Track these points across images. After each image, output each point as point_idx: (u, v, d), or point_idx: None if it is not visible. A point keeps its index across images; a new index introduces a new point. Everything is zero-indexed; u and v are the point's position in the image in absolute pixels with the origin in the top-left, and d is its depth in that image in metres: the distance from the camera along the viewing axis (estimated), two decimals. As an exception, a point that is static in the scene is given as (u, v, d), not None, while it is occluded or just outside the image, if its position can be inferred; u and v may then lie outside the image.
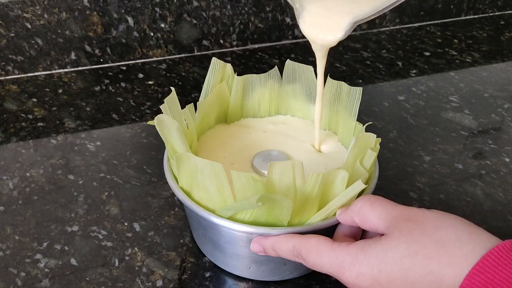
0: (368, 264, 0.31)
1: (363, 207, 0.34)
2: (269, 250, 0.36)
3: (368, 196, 0.35)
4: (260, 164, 0.43)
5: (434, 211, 0.32)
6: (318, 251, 0.34)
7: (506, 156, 0.58)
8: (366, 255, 0.31)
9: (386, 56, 0.78)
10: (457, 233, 0.30)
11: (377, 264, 0.31)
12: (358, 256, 0.32)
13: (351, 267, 0.32)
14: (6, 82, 0.68)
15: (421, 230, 0.31)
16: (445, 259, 0.29)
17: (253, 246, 0.37)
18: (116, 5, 0.68)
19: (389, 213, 0.33)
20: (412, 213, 0.32)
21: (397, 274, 0.30)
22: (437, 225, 0.31)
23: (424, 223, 0.31)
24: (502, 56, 0.80)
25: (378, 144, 0.39)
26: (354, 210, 0.34)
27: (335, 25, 0.39)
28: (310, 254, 0.34)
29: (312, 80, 0.48)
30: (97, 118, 0.62)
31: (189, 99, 0.66)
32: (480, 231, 0.31)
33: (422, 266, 0.30)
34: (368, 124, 0.43)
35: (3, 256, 0.44)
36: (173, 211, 0.49)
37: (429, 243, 0.30)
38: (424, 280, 0.30)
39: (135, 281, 0.42)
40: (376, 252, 0.31)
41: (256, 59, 0.76)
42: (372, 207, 0.34)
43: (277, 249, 0.36)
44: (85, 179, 0.52)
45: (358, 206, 0.34)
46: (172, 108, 0.41)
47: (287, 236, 0.36)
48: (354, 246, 0.32)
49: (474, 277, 0.28)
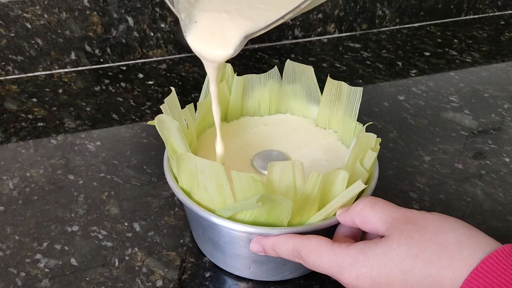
0: (367, 265, 0.31)
1: (363, 209, 0.34)
2: (269, 250, 0.36)
3: (369, 198, 0.35)
4: (260, 164, 0.43)
5: (435, 214, 0.32)
6: (318, 252, 0.34)
7: (506, 156, 0.58)
8: (366, 257, 0.31)
9: (386, 56, 0.78)
10: (457, 236, 0.30)
11: (376, 265, 0.31)
12: (358, 258, 0.32)
13: (351, 268, 0.32)
14: (6, 82, 0.68)
15: (421, 233, 0.31)
16: (445, 262, 0.29)
17: (253, 246, 0.37)
18: (116, 5, 0.68)
19: (390, 215, 0.33)
20: (412, 216, 0.32)
21: (397, 276, 0.30)
22: (437, 229, 0.31)
23: (424, 226, 0.31)
24: (502, 56, 0.80)
25: (378, 144, 0.39)
26: (355, 212, 0.34)
27: (225, 40, 0.36)
28: (310, 255, 0.34)
29: (312, 80, 0.48)
30: (97, 118, 0.62)
31: (189, 99, 0.66)
32: (481, 234, 0.31)
33: (421, 269, 0.30)
34: (368, 124, 0.43)
35: (3, 256, 0.44)
36: (173, 211, 0.49)
37: (429, 246, 0.30)
38: (423, 283, 0.30)
39: (135, 281, 0.42)
40: (376, 254, 0.31)
41: (256, 59, 0.76)
42: (372, 209, 0.34)
43: (277, 249, 0.36)
44: (85, 179, 0.52)
45: (359, 207, 0.34)
46: (172, 108, 0.41)
47: (287, 236, 0.36)
48: (354, 248, 0.32)
49: (473, 281, 0.28)
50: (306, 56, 0.77)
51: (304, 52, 0.78)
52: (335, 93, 0.46)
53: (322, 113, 0.48)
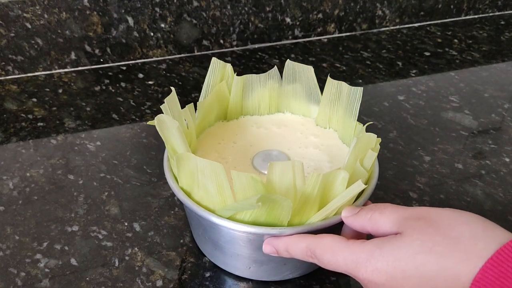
0: (383, 260, 0.31)
1: (373, 216, 0.34)
2: (282, 251, 0.36)
3: (376, 205, 0.35)
4: (260, 164, 0.43)
5: (447, 209, 0.32)
6: (333, 250, 0.34)
7: (506, 156, 0.58)
8: (381, 251, 0.31)
9: (386, 56, 0.78)
10: (471, 229, 0.30)
11: (392, 260, 0.31)
12: (373, 253, 0.32)
13: (367, 263, 0.32)
14: (6, 82, 0.68)
15: (435, 228, 0.31)
16: (460, 255, 0.29)
17: (266, 248, 0.37)
18: (116, 5, 0.68)
19: (400, 216, 0.33)
20: (424, 212, 0.32)
21: (412, 271, 0.30)
22: (450, 223, 0.31)
23: (437, 221, 0.31)
24: (502, 56, 0.80)
25: (378, 144, 0.39)
26: (365, 219, 0.34)
27: None
28: (324, 253, 0.34)
29: (312, 80, 0.48)
30: (97, 118, 0.62)
31: (189, 99, 0.66)
32: (495, 227, 0.31)
33: (436, 263, 0.30)
34: (368, 124, 0.43)
35: (3, 256, 0.44)
36: (173, 211, 0.49)
37: (443, 240, 0.30)
38: (439, 276, 0.30)
39: (135, 281, 0.42)
40: (391, 248, 0.31)
41: (256, 59, 0.76)
42: (382, 214, 0.34)
43: (290, 249, 0.36)
44: (85, 179, 0.52)
45: (368, 215, 0.34)
46: (172, 108, 0.41)
47: (300, 236, 0.36)
48: (369, 243, 0.32)
49: (487, 271, 0.28)
50: (306, 56, 0.77)
51: (304, 52, 0.78)
52: (335, 93, 0.46)
53: (322, 113, 0.48)
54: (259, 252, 0.39)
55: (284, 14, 0.78)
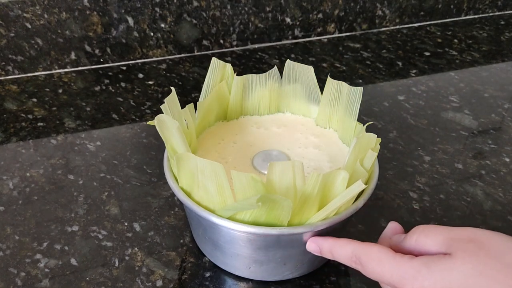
0: (431, 279, 0.31)
1: (419, 239, 0.34)
2: (326, 252, 0.37)
3: (420, 228, 0.35)
4: (260, 164, 0.43)
5: (498, 234, 0.32)
6: (380, 260, 0.34)
7: (506, 156, 0.58)
8: (429, 271, 0.31)
9: (386, 56, 0.78)
10: None
11: (440, 280, 0.31)
12: (421, 270, 0.32)
13: (414, 280, 0.32)
14: (6, 82, 0.68)
15: (486, 251, 0.31)
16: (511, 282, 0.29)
17: (310, 245, 0.37)
18: (116, 5, 0.68)
19: (447, 236, 0.33)
20: (473, 235, 0.32)
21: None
22: (503, 249, 0.31)
23: (487, 245, 0.31)
24: (502, 56, 0.80)
25: (378, 144, 0.39)
26: (411, 245, 0.34)
27: None
28: (370, 261, 0.34)
29: (312, 80, 0.48)
30: (97, 118, 0.62)
31: (189, 99, 0.66)
32: None
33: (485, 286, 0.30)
34: (368, 124, 0.43)
35: (3, 256, 0.44)
36: (173, 211, 0.49)
37: (494, 264, 0.30)
38: None
39: (135, 281, 0.42)
40: (440, 269, 0.31)
41: (256, 59, 0.76)
42: (427, 237, 0.34)
43: (334, 252, 0.36)
44: (85, 179, 0.52)
45: (413, 239, 0.34)
46: (172, 108, 0.41)
47: (347, 240, 0.36)
48: (418, 260, 0.32)
49: None
50: (306, 56, 0.77)
51: (304, 52, 0.78)
52: (335, 93, 0.46)
53: (322, 113, 0.48)
54: (259, 252, 0.39)
55: (284, 14, 0.78)
